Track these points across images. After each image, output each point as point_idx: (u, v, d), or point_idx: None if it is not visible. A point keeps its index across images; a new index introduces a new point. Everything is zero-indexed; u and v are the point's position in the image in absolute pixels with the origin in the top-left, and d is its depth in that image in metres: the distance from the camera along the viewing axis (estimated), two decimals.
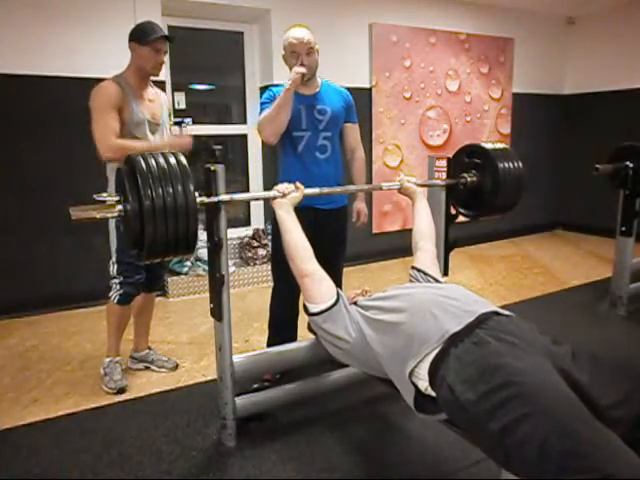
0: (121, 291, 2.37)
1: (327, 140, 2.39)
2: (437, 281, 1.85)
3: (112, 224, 2.34)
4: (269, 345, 2.50)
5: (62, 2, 3.39)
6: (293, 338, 2.50)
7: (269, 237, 4.19)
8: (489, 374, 1.20)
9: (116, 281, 2.38)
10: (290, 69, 2.30)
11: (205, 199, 1.73)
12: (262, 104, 2.36)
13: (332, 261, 2.20)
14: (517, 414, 1.10)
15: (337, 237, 2.53)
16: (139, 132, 2.32)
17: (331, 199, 2.42)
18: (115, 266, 2.37)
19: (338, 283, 2.45)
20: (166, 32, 3.19)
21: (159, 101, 2.47)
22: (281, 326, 2.54)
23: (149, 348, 2.71)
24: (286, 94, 2.19)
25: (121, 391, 2.41)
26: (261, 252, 4.24)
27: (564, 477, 1.01)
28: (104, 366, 2.49)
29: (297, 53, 2.24)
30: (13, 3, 3.27)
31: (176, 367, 2.67)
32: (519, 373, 1.17)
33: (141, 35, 2.29)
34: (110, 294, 2.40)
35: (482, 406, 1.17)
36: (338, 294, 1.69)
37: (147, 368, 2.65)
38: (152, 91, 2.45)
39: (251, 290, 4.07)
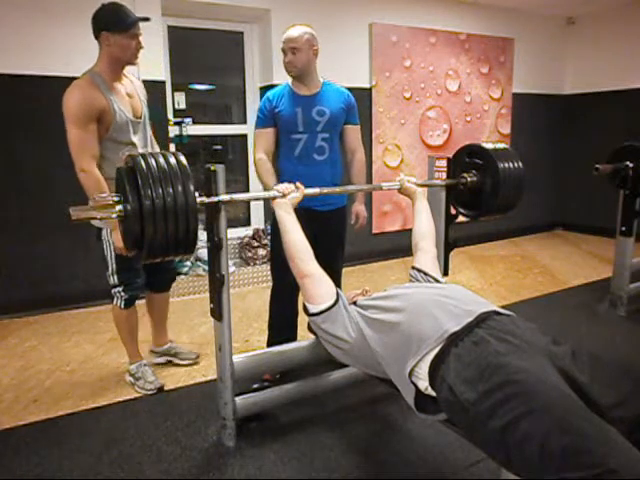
0: (126, 296, 2.33)
1: (325, 142, 2.38)
2: (437, 281, 1.85)
3: (105, 233, 2.25)
4: (269, 345, 2.50)
5: (62, 2, 3.39)
6: (293, 338, 2.49)
7: (269, 237, 4.19)
8: (489, 373, 1.20)
9: (119, 289, 2.32)
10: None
11: (205, 199, 1.73)
12: (258, 117, 2.38)
13: (331, 262, 2.20)
14: (517, 412, 1.10)
15: (336, 238, 2.52)
16: (123, 136, 2.14)
17: (329, 200, 2.41)
18: (115, 276, 2.29)
19: (337, 284, 2.44)
20: (166, 32, 3.16)
21: (136, 93, 2.27)
22: (281, 326, 2.54)
23: (171, 341, 2.69)
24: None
25: (160, 390, 2.40)
26: (261, 252, 4.24)
27: (566, 474, 1.01)
28: (132, 372, 2.46)
29: (284, 49, 2.30)
30: (13, 3, 3.27)
31: (197, 357, 2.69)
32: (519, 372, 1.17)
33: (114, 22, 2.04)
34: (114, 302, 2.36)
35: (482, 405, 1.18)
36: (338, 294, 1.69)
37: (169, 362, 2.63)
38: (128, 82, 2.25)
39: (251, 290, 4.07)
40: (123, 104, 2.16)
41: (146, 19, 2.15)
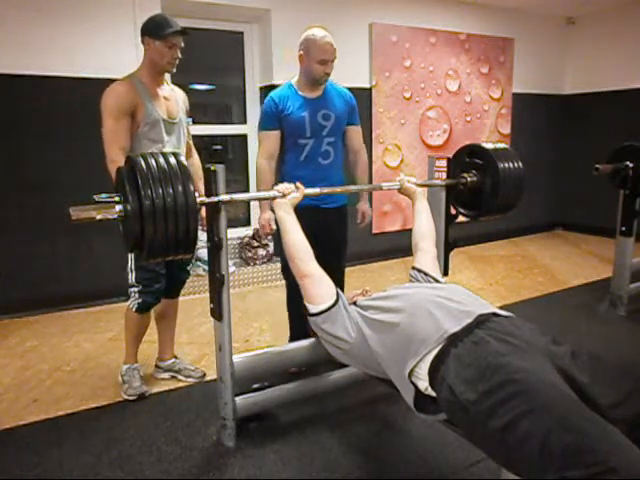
0: (140, 300, 2.29)
1: (330, 146, 2.38)
2: (437, 281, 1.85)
3: None
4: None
5: (62, 2, 3.39)
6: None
7: (269, 237, 4.19)
8: (489, 373, 1.20)
9: (135, 289, 2.28)
10: (306, 68, 2.28)
11: (205, 199, 1.73)
12: (262, 119, 2.35)
13: (334, 260, 2.19)
14: (518, 411, 1.10)
15: (339, 236, 2.52)
16: (154, 134, 2.22)
17: (332, 198, 2.42)
18: (133, 273, 2.26)
19: (340, 283, 2.44)
20: None
21: (175, 98, 2.36)
22: (301, 325, 2.49)
23: (175, 357, 2.61)
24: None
25: (141, 397, 2.35)
26: (261, 252, 4.24)
27: (566, 473, 1.01)
28: (122, 373, 2.43)
29: (327, 60, 2.25)
30: (12, 2, 3.27)
31: (204, 376, 2.54)
32: (519, 371, 1.17)
33: (155, 29, 2.17)
34: (129, 302, 2.33)
35: (483, 405, 1.18)
36: (338, 294, 1.69)
37: (174, 378, 2.55)
38: (168, 88, 2.35)
39: (251, 290, 4.07)
40: (157, 104, 2.25)
41: (184, 32, 2.23)
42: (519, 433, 1.09)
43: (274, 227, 2.35)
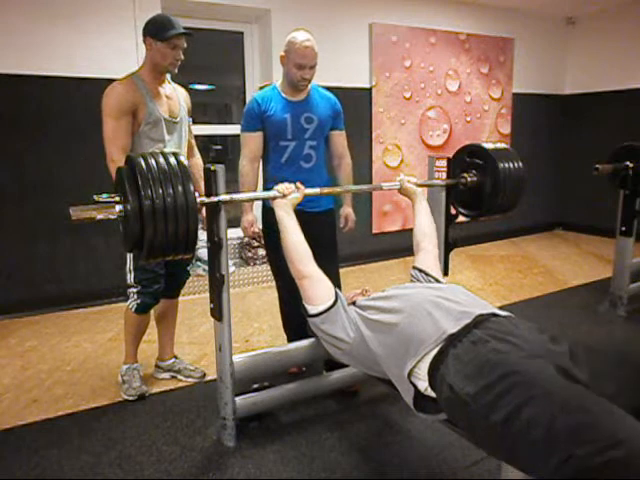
0: (139, 301, 2.29)
1: (312, 149, 2.36)
2: (438, 281, 1.85)
3: None
4: None
5: (62, 2, 3.39)
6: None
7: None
8: (489, 369, 1.20)
9: (134, 290, 2.28)
10: (286, 71, 2.27)
11: (205, 199, 1.73)
12: (245, 120, 2.34)
13: (326, 265, 2.16)
14: (519, 401, 1.11)
15: (327, 240, 2.46)
16: (155, 133, 2.21)
17: (316, 203, 2.37)
18: (132, 274, 2.25)
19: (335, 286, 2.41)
20: None
21: (177, 97, 2.35)
22: (296, 324, 2.47)
23: (175, 357, 2.60)
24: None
25: (141, 397, 2.34)
26: (261, 252, 4.24)
27: (574, 450, 1.00)
28: (122, 373, 2.43)
29: (304, 65, 2.21)
30: (13, 3, 3.27)
31: (204, 376, 2.54)
32: (518, 364, 1.18)
33: (158, 30, 2.14)
34: (128, 303, 2.33)
35: (483, 399, 1.18)
36: (336, 295, 1.69)
37: (174, 378, 2.55)
38: (170, 87, 2.34)
39: (251, 290, 4.07)
40: (159, 103, 2.24)
41: (188, 34, 2.21)
42: (522, 421, 1.09)
43: (256, 230, 2.35)
